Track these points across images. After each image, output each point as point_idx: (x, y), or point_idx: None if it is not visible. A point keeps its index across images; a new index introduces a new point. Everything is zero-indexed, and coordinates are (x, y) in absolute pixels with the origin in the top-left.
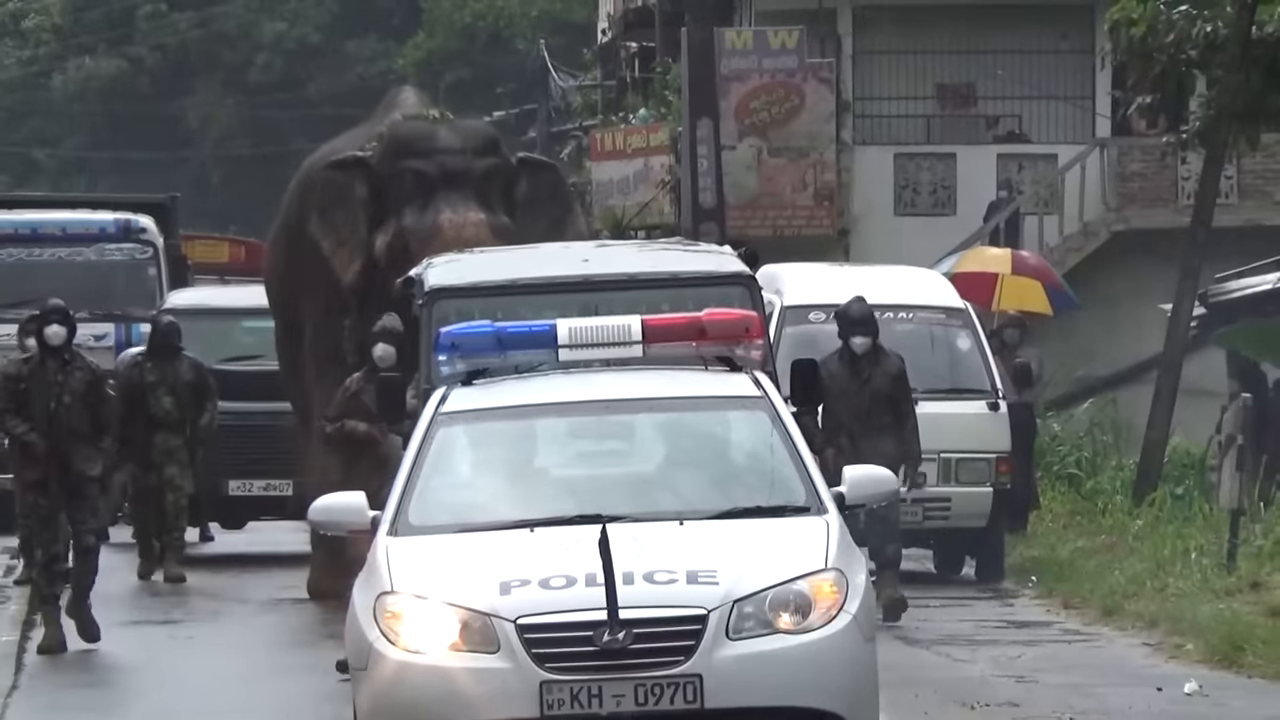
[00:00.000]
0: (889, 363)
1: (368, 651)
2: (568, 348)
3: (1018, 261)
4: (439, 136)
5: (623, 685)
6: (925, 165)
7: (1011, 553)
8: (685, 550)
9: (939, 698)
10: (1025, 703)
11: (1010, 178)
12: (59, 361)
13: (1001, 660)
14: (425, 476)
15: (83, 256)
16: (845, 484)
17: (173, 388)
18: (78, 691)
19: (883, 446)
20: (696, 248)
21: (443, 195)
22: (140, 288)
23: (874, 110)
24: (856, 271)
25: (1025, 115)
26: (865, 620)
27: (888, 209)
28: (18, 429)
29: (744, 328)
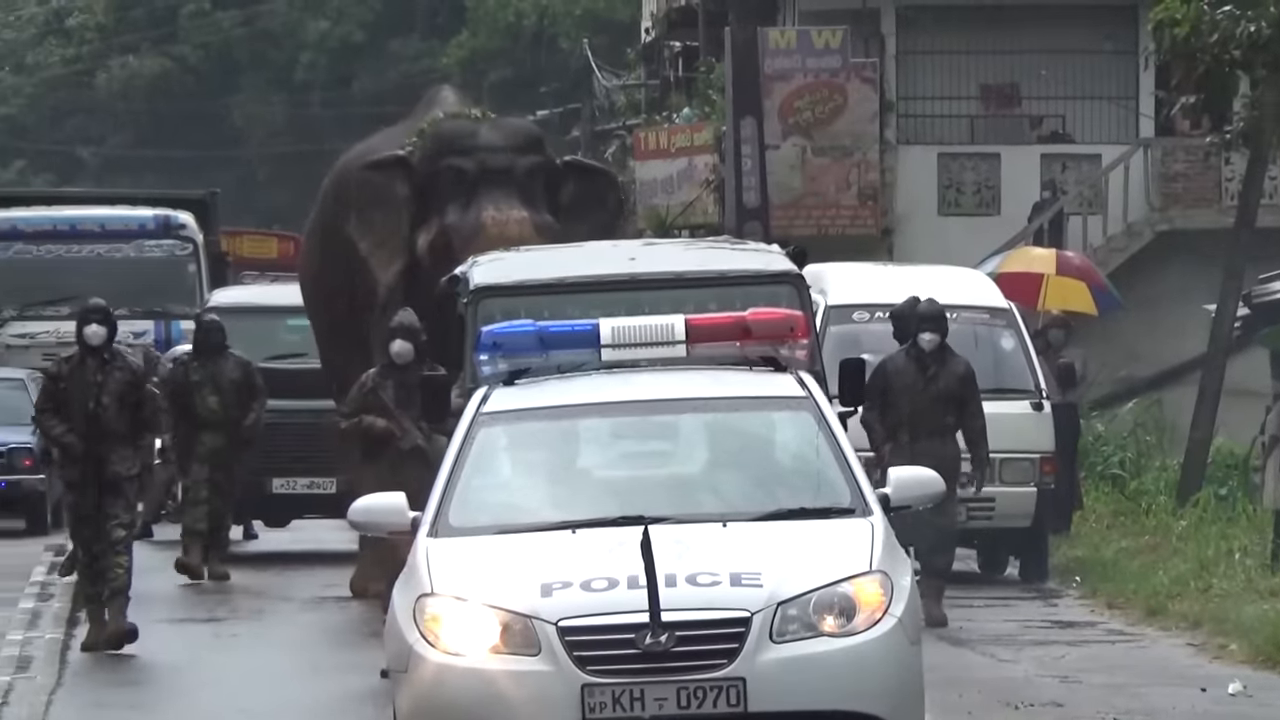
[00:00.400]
0: (955, 363)
1: (408, 654)
2: (610, 347)
3: (1063, 262)
4: (481, 134)
5: (665, 688)
6: (969, 165)
7: (1055, 553)
8: (729, 552)
9: (983, 698)
10: (1069, 703)
11: (1054, 178)
12: (99, 361)
13: (1045, 660)
14: (466, 477)
15: (121, 253)
16: (890, 485)
17: (218, 387)
18: (121, 690)
19: (942, 448)
20: (744, 246)
21: (485, 193)
22: (180, 284)
23: (918, 110)
24: (900, 271)
25: (1069, 115)
26: (910, 623)
27: (931, 209)
28: (55, 429)
29: (789, 327)
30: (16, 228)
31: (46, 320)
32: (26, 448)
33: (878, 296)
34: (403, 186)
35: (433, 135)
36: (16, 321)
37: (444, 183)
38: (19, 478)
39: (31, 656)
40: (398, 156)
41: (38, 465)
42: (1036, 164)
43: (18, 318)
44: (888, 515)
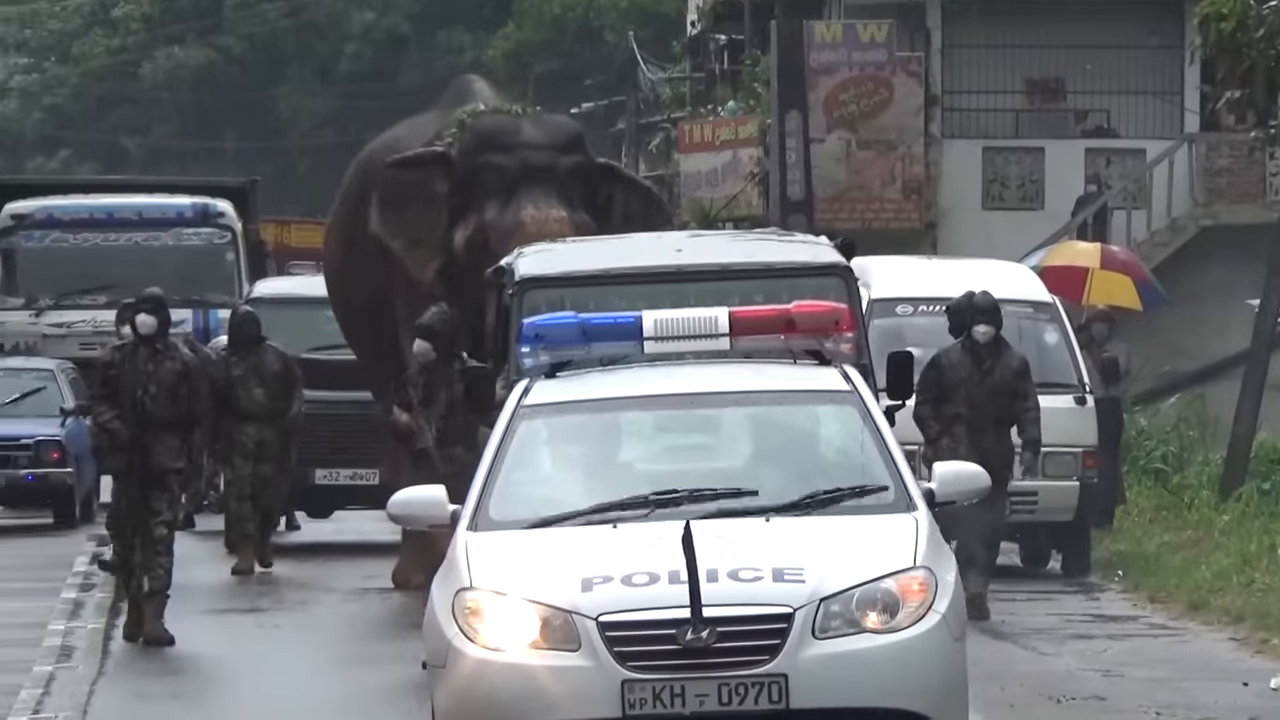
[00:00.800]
0: (1010, 356)
1: (446, 649)
2: (653, 340)
3: (1107, 256)
4: (523, 131)
5: (706, 685)
6: (1013, 159)
7: (1098, 547)
8: (771, 547)
9: (1025, 691)
10: (1111, 696)
11: (1098, 172)
12: (150, 350)
13: (1088, 654)
14: (506, 470)
15: (159, 241)
16: (935, 480)
17: (262, 379)
18: (163, 680)
19: (998, 441)
20: (792, 238)
21: (525, 191)
22: (218, 273)
23: (962, 104)
24: (944, 265)
25: (1114, 110)
26: (955, 619)
27: (975, 203)
28: (104, 416)
29: (833, 320)
30: (53, 216)
31: (83, 309)
32: (55, 440)
33: (922, 290)
34: (442, 184)
35: (473, 130)
36: (53, 310)
37: (484, 179)
38: (46, 471)
39: (74, 646)
40: (437, 153)
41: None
42: (1081, 158)
43: (54, 307)
44: (932, 511)
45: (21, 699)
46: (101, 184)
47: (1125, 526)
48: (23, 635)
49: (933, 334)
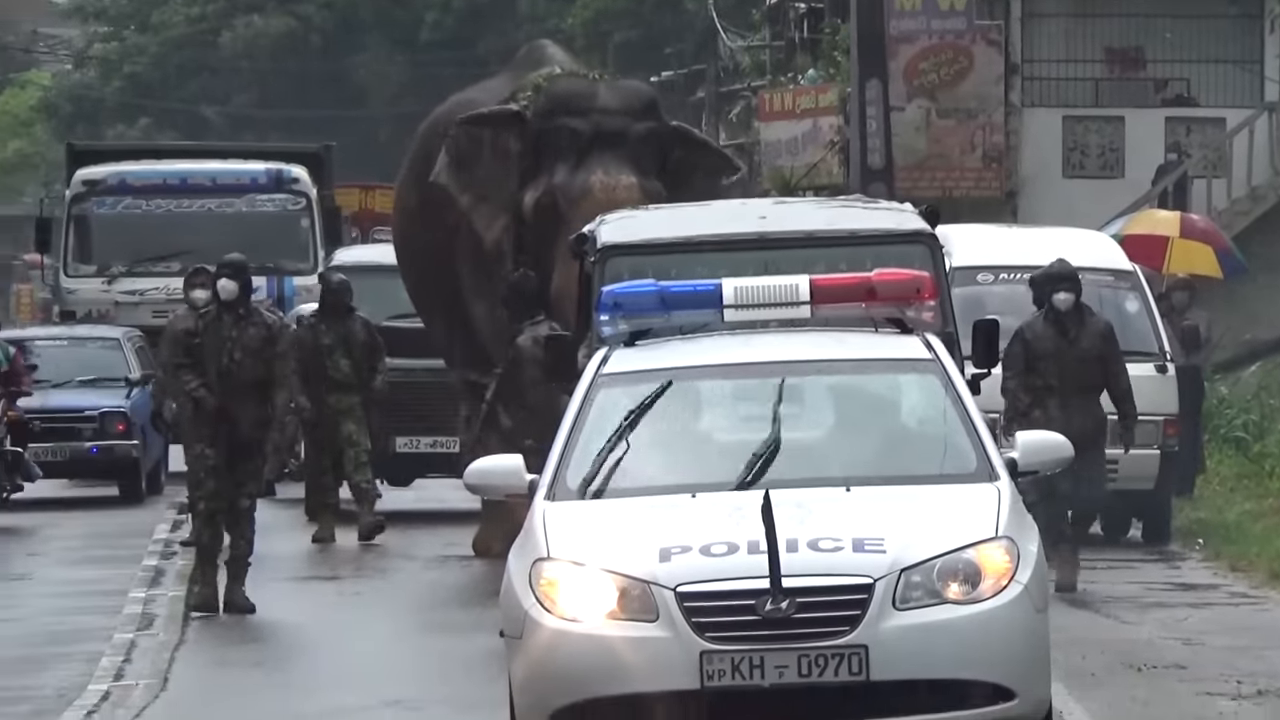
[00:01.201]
0: (1095, 323)
1: (523, 619)
2: (733, 308)
3: (1187, 225)
4: (598, 95)
5: (785, 656)
6: (1093, 128)
7: (1178, 515)
8: (851, 517)
9: (1106, 659)
10: (1192, 665)
11: (1178, 141)
12: (234, 317)
13: (1168, 623)
14: (585, 440)
15: (233, 208)
16: (1018, 450)
17: (349, 349)
18: (243, 647)
19: (1092, 409)
20: (876, 205)
21: (597, 156)
22: (293, 240)
23: (1042, 73)
24: (1024, 233)
25: (1193, 78)
26: (1037, 590)
27: (1055, 171)
28: (191, 384)
29: (915, 288)
30: (125, 182)
31: (156, 277)
32: (120, 412)
33: (1002, 258)
34: (515, 142)
35: (549, 93)
36: (126, 278)
37: (557, 142)
38: (112, 443)
39: (154, 614)
40: (513, 112)
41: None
42: (1161, 127)
43: (127, 274)
44: (1015, 481)
45: (103, 666)
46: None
47: (1206, 495)
48: (103, 603)
49: (1013, 302)
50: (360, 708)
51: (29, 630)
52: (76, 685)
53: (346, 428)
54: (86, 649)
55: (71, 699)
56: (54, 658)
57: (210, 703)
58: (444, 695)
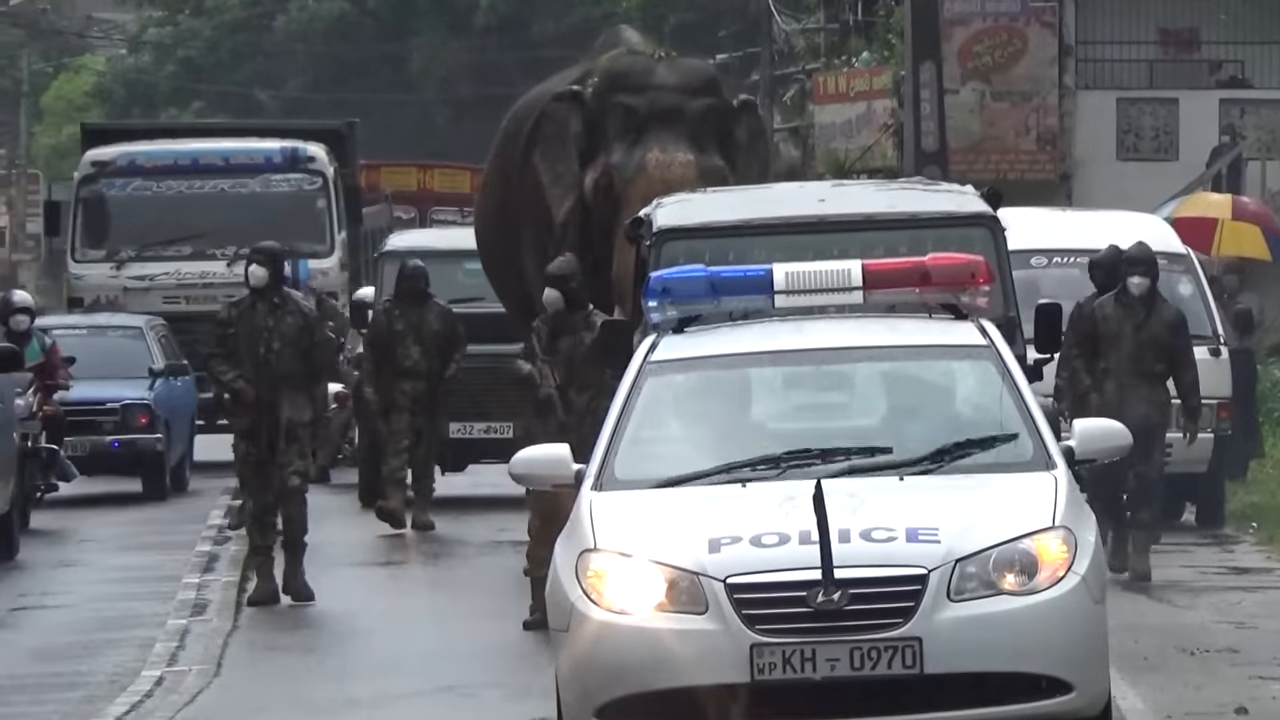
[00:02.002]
0: (1166, 310)
1: (570, 611)
2: (784, 293)
3: (1238, 207)
4: (655, 72)
5: (838, 648)
6: (1148, 110)
7: (1232, 499)
8: (905, 507)
9: (1159, 643)
10: (1245, 649)
11: (1233, 123)
12: (269, 305)
13: (1221, 607)
14: (633, 428)
15: (247, 188)
16: (1075, 438)
17: (420, 337)
18: (296, 633)
19: (1151, 394)
20: (937, 187)
21: (653, 133)
22: (309, 221)
23: (1096, 54)
24: (1078, 216)
25: (1248, 60)
26: (1095, 581)
27: (1110, 154)
28: (226, 375)
29: (970, 273)
30: (135, 162)
31: (167, 261)
32: (143, 404)
33: (1056, 242)
34: (575, 122)
35: (606, 71)
36: (135, 263)
37: (613, 120)
38: (134, 437)
39: (208, 600)
40: (573, 91)
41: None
42: (1215, 109)
43: (136, 258)
44: (1072, 469)
45: (156, 652)
46: (189, 128)
47: (1260, 479)
48: (157, 589)
49: (1067, 285)
50: (413, 693)
51: (81, 616)
52: (130, 671)
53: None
54: (140, 635)
55: (125, 684)
56: (107, 644)
57: (263, 688)
58: (496, 682)
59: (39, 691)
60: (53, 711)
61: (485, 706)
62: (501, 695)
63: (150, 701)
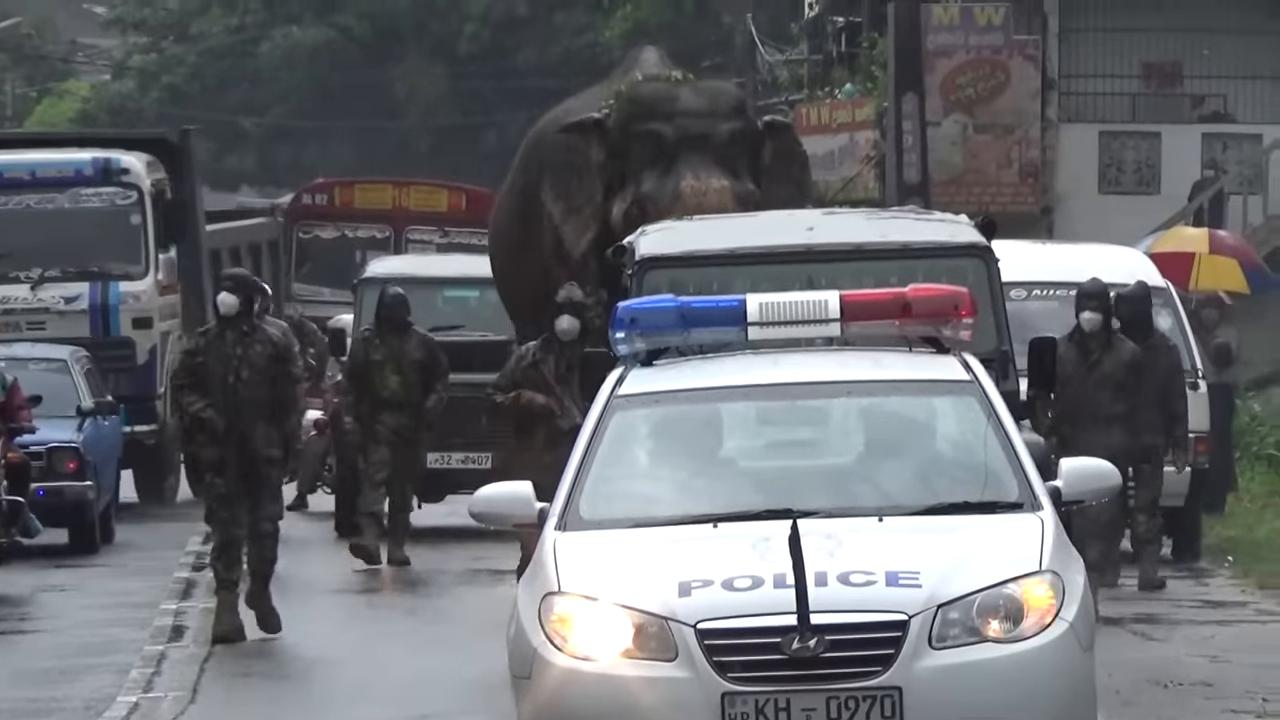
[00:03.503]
0: (1123, 349)
1: (532, 657)
2: (758, 325)
3: (1215, 241)
4: (681, 98)
5: (813, 698)
6: (1130, 144)
7: (1208, 533)
8: (884, 549)
9: (1133, 677)
10: (1218, 682)
11: (1215, 157)
12: (238, 333)
13: (1196, 640)
14: (599, 466)
15: (54, 204)
16: (1062, 478)
17: (399, 367)
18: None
19: (1108, 439)
20: (929, 216)
21: (684, 160)
22: (122, 239)
23: (1079, 88)
24: (1059, 249)
25: (1230, 95)
26: (1083, 628)
27: (1092, 187)
28: (195, 405)
29: (953, 304)
30: None
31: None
32: (71, 447)
33: (1037, 275)
34: (597, 151)
35: (629, 98)
36: None
37: (641, 148)
38: (61, 484)
39: (185, 626)
40: (593, 119)
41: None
42: (1197, 143)
43: None
44: (1059, 510)
45: (132, 678)
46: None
47: (1236, 512)
48: (134, 615)
49: (1047, 319)
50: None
51: (62, 641)
52: (106, 697)
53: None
54: (117, 660)
55: (100, 710)
56: (85, 669)
57: (237, 715)
58: (470, 710)
59: (13, 717)
60: None
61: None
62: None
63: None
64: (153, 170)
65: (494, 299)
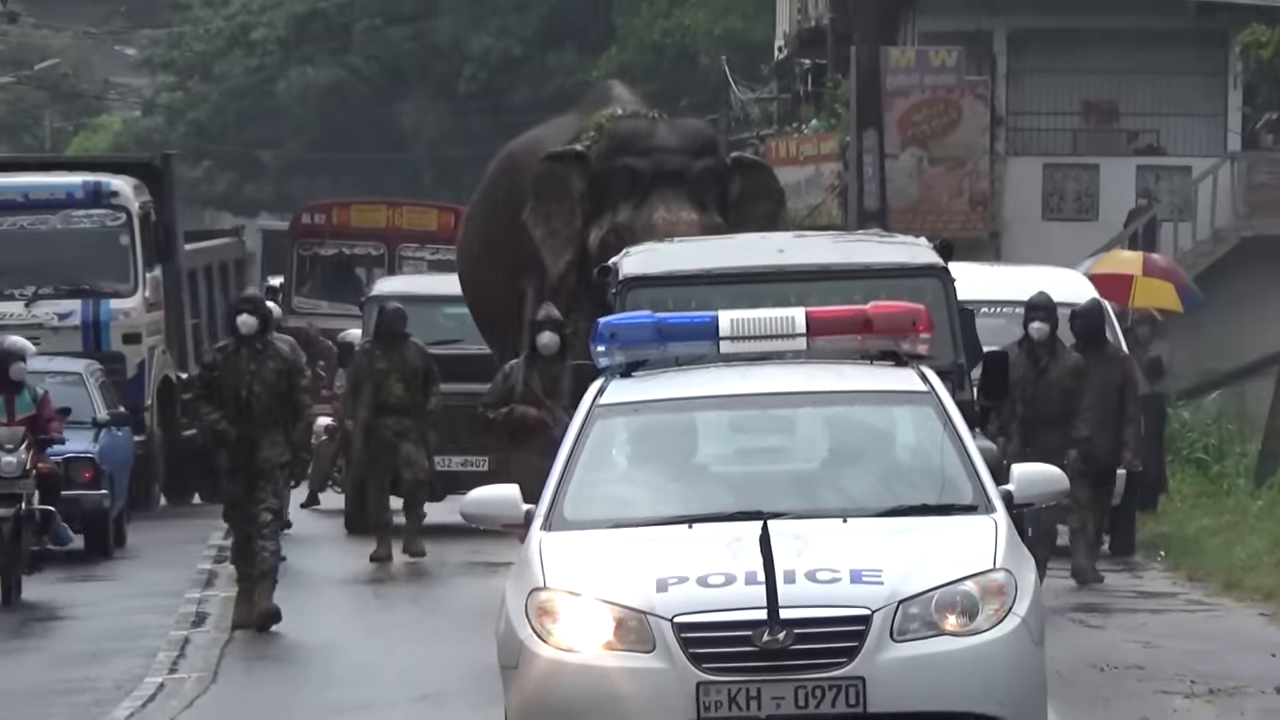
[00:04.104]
0: (1068, 357)
1: (519, 650)
2: (729, 340)
3: (1149, 264)
4: (658, 134)
5: (782, 687)
6: (1071, 175)
7: (1142, 529)
8: (849, 548)
9: (1072, 660)
10: (1150, 666)
11: (1148, 187)
12: (252, 350)
13: (1130, 627)
14: (581, 470)
15: (47, 225)
16: (1013, 482)
17: (402, 374)
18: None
19: (1053, 440)
20: (892, 239)
21: (658, 193)
22: (112, 258)
23: (1025, 124)
24: (1006, 270)
25: (1162, 130)
26: (1034, 622)
27: (1036, 214)
28: (210, 416)
29: (911, 321)
30: None
31: None
32: (87, 458)
33: (985, 293)
34: (579, 181)
35: (610, 132)
36: None
37: (618, 181)
38: (77, 493)
39: (207, 613)
40: (576, 152)
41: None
42: (1132, 174)
43: None
44: (1011, 513)
45: (159, 660)
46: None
47: (1168, 511)
48: (161, 603)
49: (995, 334)
50: (391, 701)
51: (93, 628)
52: (134, 677)
53: (405, 449)
54: (145, 644)
55: (129, 690)
56: (115, 652)
57: (254, 694)
58: (467, 691)
59: (50, 695)
60: (63, 714)
61: (457, 713)
62: (471, 703)
63: (152, 706)
64: (139, 193)
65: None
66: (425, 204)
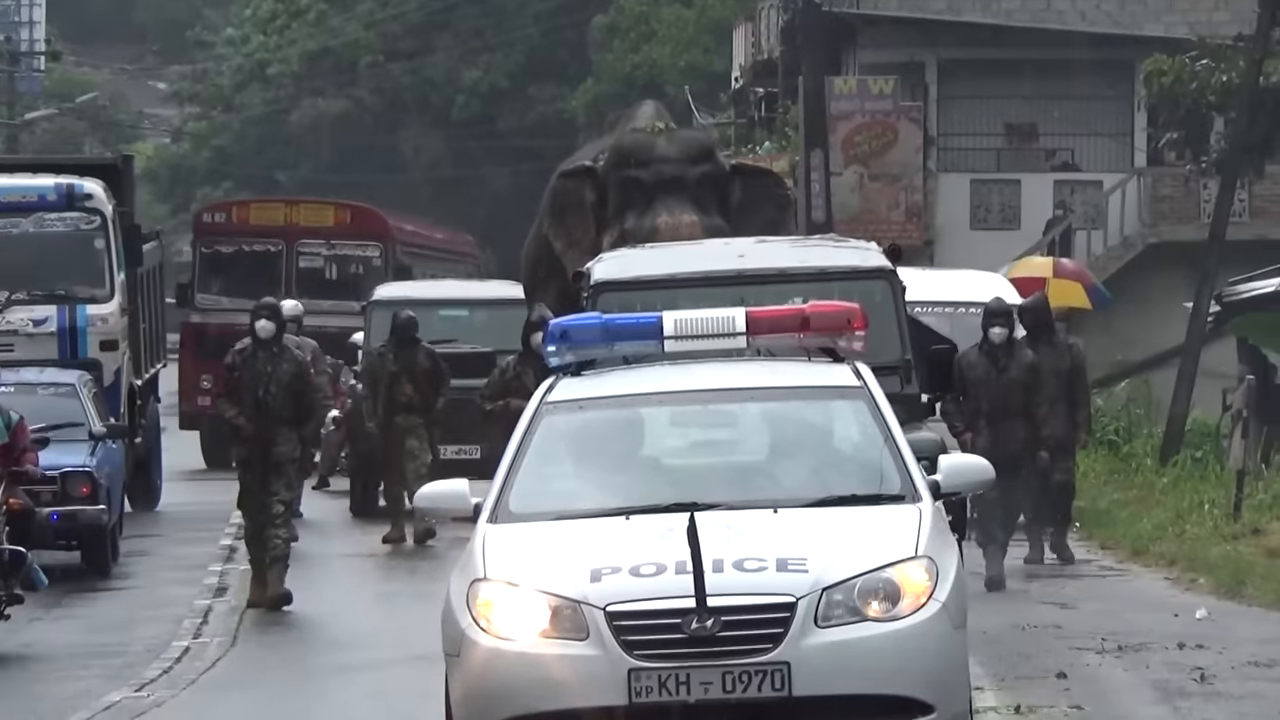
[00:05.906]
0: (1024, 356)
1: (460, 638)
2: (673, 339)
3: (1059, 267)
4: (658, 147)
5: (710, 673)
6: (995, 189)
7: None
8: (777, 538)
9: (996, 620)
10: (1066, 625)
11: (1064, 199)
12: (268, 353)
13: (1048, 591)
14: (528, 464)
15: (19, 229)
16: (940, 472)
17: (413, 375)
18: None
19: (1017, 431)
20: (845, 244)
21: (661, 200)
22: (87, 262)
23: (954, 144)
24: (938, 274)
25: (1077, 149)
26: (955, 608)
27: (965, 224)
28: (229, 413)
29: (846, 319)
30: None
31: None
32: (84, 472)
33: (921, 295)
34: (590, 193)
35: (615, 148)
36: None
37: (624, 191)
38: (74, 508)
39: (228, 584)
40: (586, 167)
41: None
42: (1050, 188)
43: None
44: (938, 502)
45: (184, 626)
46: None
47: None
48: (186, 575)
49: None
50: (391, 660)
51: (127, 598)
52: (162, 642)
53: (410, 444)
54: (172, 612)
55: (158, 653)
56: (146, 619)
57: (271, 656)
58: None
59: (87, 658)
60: (97, 674)
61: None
62: None
63: (178, 666)
64: (110, 195)
65: (482, 317)
66: (321, 201)
